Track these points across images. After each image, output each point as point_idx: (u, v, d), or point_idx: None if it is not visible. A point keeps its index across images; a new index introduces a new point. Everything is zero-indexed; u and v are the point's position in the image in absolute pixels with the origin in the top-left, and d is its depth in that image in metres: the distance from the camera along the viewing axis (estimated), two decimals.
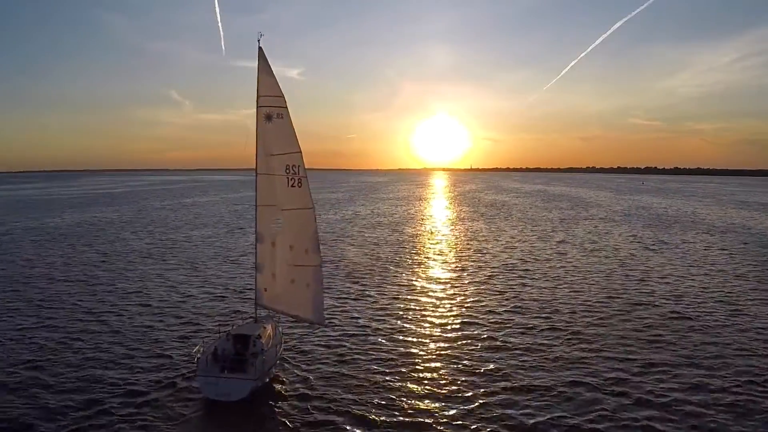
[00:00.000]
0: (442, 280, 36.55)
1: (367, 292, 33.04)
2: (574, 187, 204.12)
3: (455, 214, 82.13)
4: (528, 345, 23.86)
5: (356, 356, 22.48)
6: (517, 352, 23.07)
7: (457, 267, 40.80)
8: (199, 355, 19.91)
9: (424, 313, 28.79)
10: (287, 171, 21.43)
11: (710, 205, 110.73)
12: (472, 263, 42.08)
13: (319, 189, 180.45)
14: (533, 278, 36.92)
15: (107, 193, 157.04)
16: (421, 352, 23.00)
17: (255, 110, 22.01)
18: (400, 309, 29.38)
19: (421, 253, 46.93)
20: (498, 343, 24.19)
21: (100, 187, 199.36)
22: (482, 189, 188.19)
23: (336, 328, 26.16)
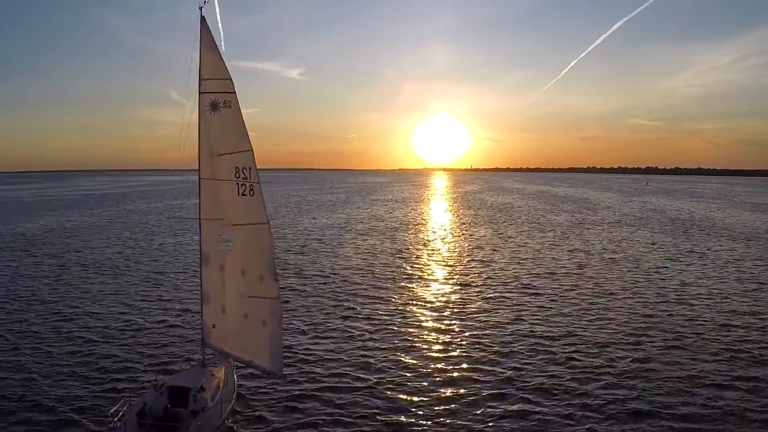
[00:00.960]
0: (443, 303, 31.21)
1: (352, 318, 27.73)
2: (577, 188, 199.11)
3: (457, 218, 77.25)
4: (557, 394, 18.67)
5: (332, 415, 17.34)
6: (543, 406, 17.76)
7: (460, 284, 35.56)
8: (121, 413, 15.17)
9: (420, 349, 23.43)
10: (237, 175, 16.65)
11: (723, 207, 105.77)
12: (478, 279, 36.89)
13: (316, 190, 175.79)
14: (551, 299, 31.66)
15: (100, 194, 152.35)
16: (417, 407, 17.82)
17: (255, 110, 17.43)
18: (391, 345, 23.85)
19: (418, 267, 41.70)
20: (515, 392, 18.87)
21: (95, 188, 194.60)
22: (484, 190, 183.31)
23: (309, 372, 20.66)
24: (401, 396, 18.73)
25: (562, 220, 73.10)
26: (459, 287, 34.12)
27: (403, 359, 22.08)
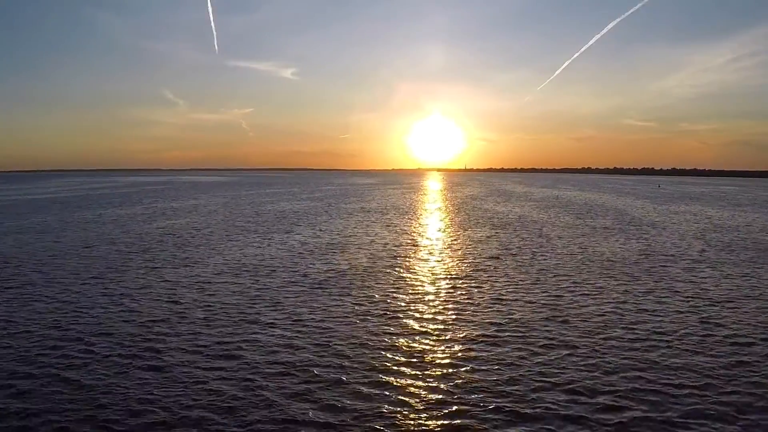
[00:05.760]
0: None
1: None
2: (588, 192, 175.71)
3: (459, 243, 52.55)
4: None
5: None
6: None
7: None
8: None
9: None
10: None
11: None
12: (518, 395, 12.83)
13: (295, 194, 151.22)
14: None
15: (49, 198, 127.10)
16: None
17: (249, 110, 1.42)
18: None
19: (402, 366, 17.60)
20: None
21: (56, 190, 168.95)
22: (485, 194, 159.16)
23: None
24: None
25: (620, 252, 48.33)
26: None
27: None
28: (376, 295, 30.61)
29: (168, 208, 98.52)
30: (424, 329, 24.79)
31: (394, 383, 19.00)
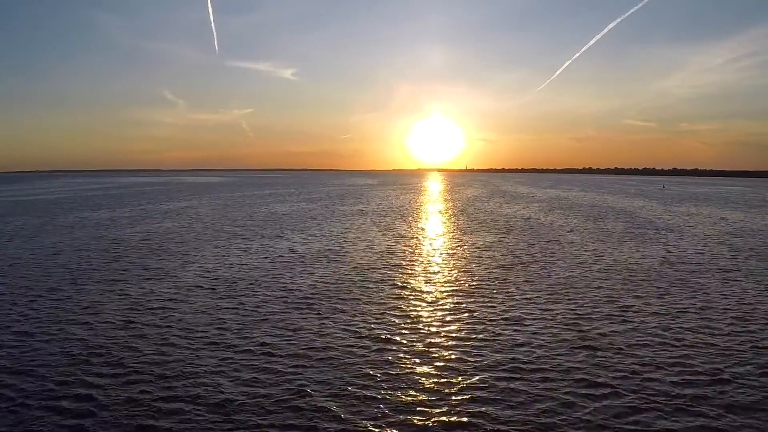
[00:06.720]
0: None
1: None
2: (593, 193, 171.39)
3: (465, 251, 48.22)
4: None
5: None
6: None
7: None
8: None
9: None
10: None
11: None
12: None
13: (293, 195, 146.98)
14: None
15: (41, 199, 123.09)
16: None
17: (248, 111, 1.27)
18: None
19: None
20: None
21: (52, 191, 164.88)
22: (487, 195, 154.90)
23: None
24: None
25: (641, 260, 43.97)
26: None
27: None
28: (372, 314, 26.38)
29: (157, 210, 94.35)
30: (426, 356, 20.58)
31: (392, 422, 14.80)
